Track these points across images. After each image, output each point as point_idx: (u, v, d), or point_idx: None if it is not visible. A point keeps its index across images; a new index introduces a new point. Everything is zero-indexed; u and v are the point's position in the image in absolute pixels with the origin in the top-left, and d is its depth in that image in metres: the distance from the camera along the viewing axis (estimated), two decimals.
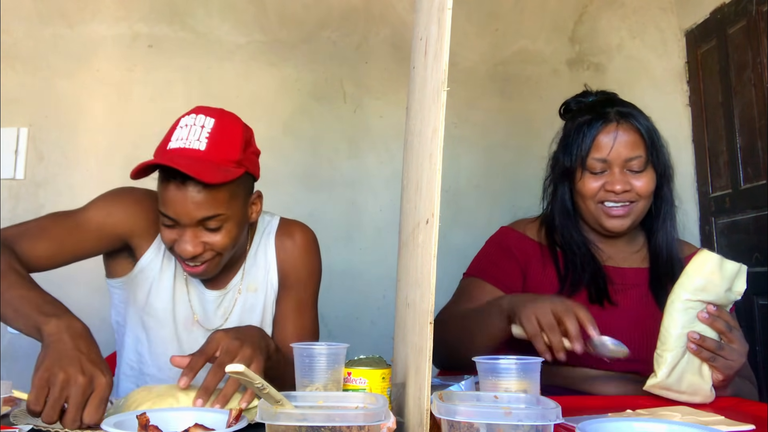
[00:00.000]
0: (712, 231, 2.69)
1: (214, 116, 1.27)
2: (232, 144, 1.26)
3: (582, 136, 1.45)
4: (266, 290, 1.47)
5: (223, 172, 1.22)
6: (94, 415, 0.94)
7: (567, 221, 1.52)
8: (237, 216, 1.29)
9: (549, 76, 2.81)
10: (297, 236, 1.49)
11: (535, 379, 0.97)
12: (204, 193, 1.21)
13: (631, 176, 1.43)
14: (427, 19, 1.00)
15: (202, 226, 1.25)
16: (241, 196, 1.30)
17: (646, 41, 2.91)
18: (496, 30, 2.87)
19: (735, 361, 1.21)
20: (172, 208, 1.24)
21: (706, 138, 2.74)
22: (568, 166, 1.47)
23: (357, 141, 2.76)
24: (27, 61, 2.63)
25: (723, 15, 2.60)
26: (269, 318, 1.48)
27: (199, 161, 1.21)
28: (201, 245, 1.27)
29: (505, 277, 1.48)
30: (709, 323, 1.19)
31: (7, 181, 2.57)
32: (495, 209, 2.64)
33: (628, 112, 1.47)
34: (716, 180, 2.69)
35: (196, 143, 1.22)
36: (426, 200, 0.86)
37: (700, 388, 1.20)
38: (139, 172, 1.23)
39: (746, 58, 2.45)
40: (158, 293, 1.43)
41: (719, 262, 1.20)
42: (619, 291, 1.46)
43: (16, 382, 1.25)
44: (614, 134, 1.43)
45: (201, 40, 2.72)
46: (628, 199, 1.43)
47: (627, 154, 1.42)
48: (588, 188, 1.45)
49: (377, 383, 1.01)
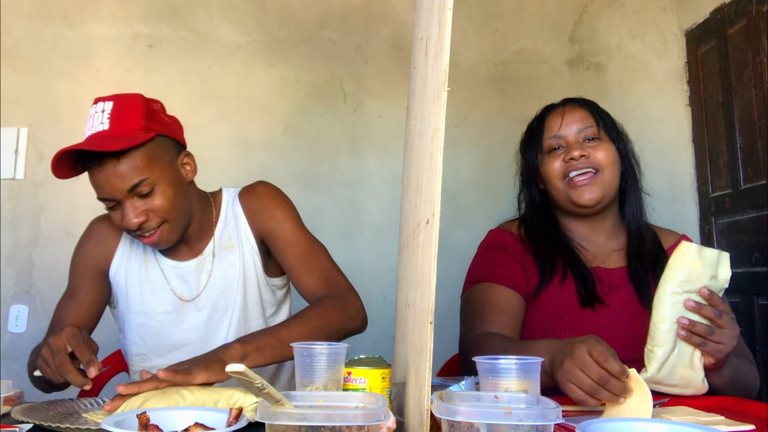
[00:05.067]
0: (712, 231, 2.69)
1: (112, 99, 1.34)
2: (133, 115, 1.33)
3: (536, 126, 1.57)
4: (241, 244, 1.51)
5: (129, 140, 1.29)
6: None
7: (536, 213, 1.58)
8: (166, 177, 1.36)
9: (549, 76, 2.81)
10: (258, 189, 1.55)
11: (536, 379, 0.97)
12: (121, 164, 1.29)
13: (589, 146, 1.49)
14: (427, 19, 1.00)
15: (136, 195, 1.33)
16: (163, 158, 1.36)
17: (646, 41, 2.91)
18: (496, 30, 2.87)
19: (726, 344, 1.21)
20: (102, 188, 1.32)
21: (706, 138, 2.74)
22: (532, 159, 1.55)
23: (357, 141, 2.76)
24: (27, 61, 2.63)
25: (723, 15, 2.60)
26: (251, 270, 1.50)
27: (104, 138, 1.30)
28: (143, 213, 1.34)
29: (511, 275, 1.48)
30: (696, 311, 1.19)
31: (7, 181, 2.57)
32: (495, 209, 2.62)
33: (574, 98, 1.59)
34: (716, 180, 2.69)
35: (100, 126, 1.31)
36: (426, 200, 0.86)
37: (691, 381, 1.21)
38: (60, 170, 1.31)
39: (746, 58, 2.45)
40: (133, 288, 1.50)
41: (698, 250, 1.21)
42: (608, 292, 1.46)
43: (16, 381, 1.25)
44: (561, 113, 1.54)
45: (201, 40, 2.72)
46: (589, 165, 1.47)
47: (577, 126, 1.51)
48: (551, 168, 1.51)
49: (377, 383, 1.01)
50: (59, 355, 1.13)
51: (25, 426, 0.99)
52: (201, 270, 1.49)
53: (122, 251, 1.52)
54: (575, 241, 1.53)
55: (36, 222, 2.58)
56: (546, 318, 1.44)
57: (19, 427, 0.98)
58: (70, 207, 2.59)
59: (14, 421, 1.03)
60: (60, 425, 0.98)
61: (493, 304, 1.45)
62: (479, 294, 1.49)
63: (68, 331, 1.16)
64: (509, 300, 1.45)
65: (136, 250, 1.52)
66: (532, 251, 1.52)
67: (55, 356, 1.13)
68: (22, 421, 1.01)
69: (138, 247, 1.52)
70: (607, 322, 1.42)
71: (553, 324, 1.43)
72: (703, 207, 2.77)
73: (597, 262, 1.51)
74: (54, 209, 2.59)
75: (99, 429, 0.93)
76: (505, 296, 1.46)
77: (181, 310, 1.48)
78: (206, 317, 1.48)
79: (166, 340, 1.48)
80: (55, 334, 1.16)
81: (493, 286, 1.48)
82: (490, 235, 1.60)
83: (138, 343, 1.50)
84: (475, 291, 1.51)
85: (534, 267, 1.49)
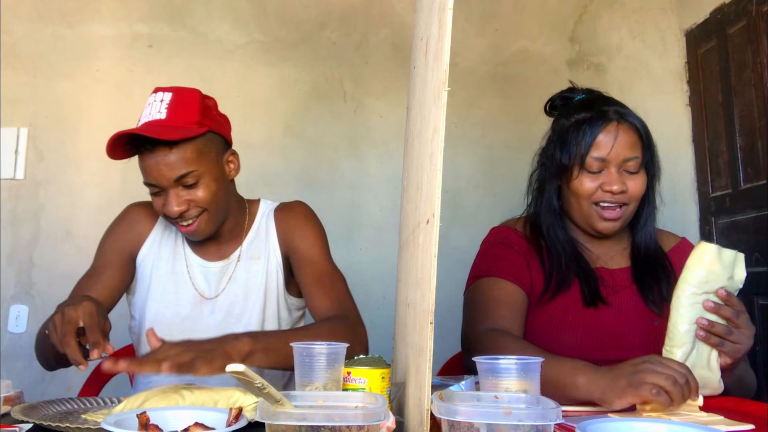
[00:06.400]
0: (712, 231, 2.69)
1: (171, 91, 1.41)
2: (190, 108, 1.39)
3: (582, 134, 1.43)
4: (268, 257, 1.54)
5: (183, 131, 1.36)
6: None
7: (554, 220, 1.51)
8: (212, 172, 1.41)
9: (549, 76, 2.81)
10: (295, 208, 1.60)
11: (536, 379, 0.97)
12: (172, 153, 1.35)
13: (627, 177, 1.43)
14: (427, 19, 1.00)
15: (181, 185, 1.38)
16: (212, 153, 1.42)
17: (646, 41, 2.91)
18: (496, 30, 2.87)
19: (743, 344, 1.22)
20: (150, 174, 1.37)
21: (706, 138, 2.74)
22: (566, 164, 1.45)
23: (357, 141, 2.76)
24: (27, 61, 2.63)
25: (723, 15, 2.60)
26: (273, 285, 1.53)
27: (160, 126, 1.36)
28: (185, 203, 1.39)
29: (516, 271, 1.47)
30: (715, 311, 1.20)
31: (7, 181, 2.57)
32: (495, 209, 2.63)
33: (625, 111, 1.46)
34: (716, 180, 2.69)
35: (157, 114, 1.38)
36: (426, 200, 0.86)
37: (709, 381, 1.21)
38: (114, 151, 1.37)
39: (746, 58, 2.45)
40: (158, 277, 1.52)
41: (717, 251, 1.21)
42: (611, 292, 1.46)
43: (16, 381, 1.25)
44: (615, 133, 1.41)
45: (201, 40, 2.72)
46: (623, 200, 1.43)
47: (625, 155, 1.41)
48: (585, 188, 1.43)
49: (377, 383, 1.01)
50: (68, 325, 1.11)
51: (24, 426, 0.99)
52: (224, 273, 1.52)
53: (153, 238, 1.54)
54: (579, 241, 1.52)
55: (36, 222, 2.58)
56: (549, 317, 1.44)
57: (18, 427, 0.98)
58: (70, 207, 2.59)
59: (14, 420, 1.03)
60: (60, 425, 0.98)
61: (498, 299, 1.44)
62: (483, 289, 1.47)
63: (86, 306, 1.14)
64: (513, 295, 1.45)
65: (167, 240, 1.55)
66: (536, 250, 1.51)
67: (64, 325, 1.12)
68: (22, 421, 1.01)
69: (169, 238, 1.55)
70: (610, 322, 1.42)
71: (556, 323, 1.43)
72: (703, 207, 2.77)
73: (600, 262, 1.51)
74: (54, 209, 2.59)
75: (99, 429, 0.93)
76: (509, 291, 1.45)
77: (198, 307, 1.50)
78: (221, 319, 1.49)
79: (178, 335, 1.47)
80: (72, 305, 1.14)
81: (498, 281, 1.46)
82: (494, 231, 1.59)
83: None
84: (479, 286, 1.49)
85: (538, 265, 1.48)
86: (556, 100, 1.58)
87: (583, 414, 1.09)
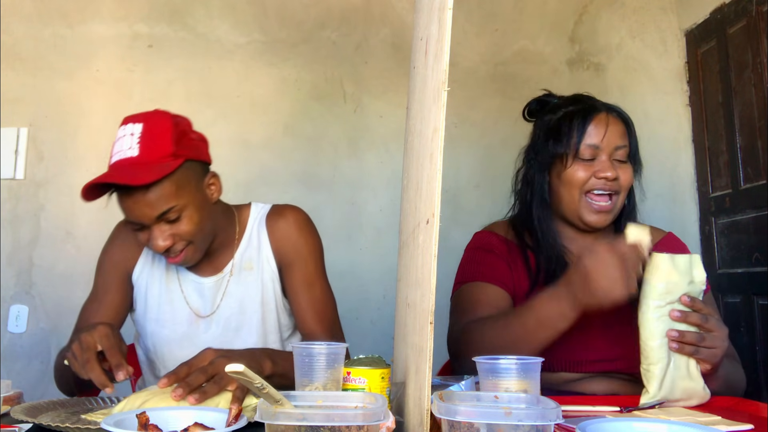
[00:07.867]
0: (712, 231, 2.69)
1: (141, 121, 1.33)
2: (163, 139, 1.32)
3: (575, 123, 1.46)
4: (262, 267, 1.50)
5: (158, 169, 1.29)
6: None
7: (545, 213, 1.52)
8: (194, 202, 1.36)
9: (549, 76, 2.81)
10: (289, 216, 1.53)
11: (536, 379, 0.97)
12: (150, 193, 1.29)
13: (617, 165, 1.45)
14: (427, 19, 1.00)
15: (164, 220, 1.33)
16: (191, 183, 1.36)
17: (646, 41, 2.91)
18: (496, 30, 2.87)
19: (718, 347, 1.19)
20: (130, 214, 1.33)
21: (706, 138, 2.74)
22: (560, 152, 1.46)
23: (357, 141, 2.76)
24: (27, 61, 2.63)
25: (723, 15, 2.60)
26: (269, 295, 1.50)
27: (133, 166, 1.29)
28: (170, 237, 1.34)
29: (499, 274, 1.48)
30: (683, 320, 1.18)
31: (7, 181, 2.57)
32: (495, 209, 2.61)
33: (611, 104, 1.51)
34: (716, 180, 2.69)
35: (129, 152, 1.31)
36: (426, 200, 0.86)
37: (693, 391, 1.19)
38: (91, 193, 1.30)
39: (746, 58, 2.45)
40: (152, 297, 1.50)
41: (670, 259, 1.19)
42: None
43: (15, 381, 1.25)
44: (606, 122, 1.45)
45: (201, 40, 2.72)
46: (615, 188, 1.44)
47: (617, 143, 1.45)
48: (578, 176, 1.45)
49: (376, 383, 1.01)
50: (88, 352, 1.12)
51: (24, 426, 0.99)
52: (218, 288, 1.50)
53: (146, 257, 1.52)
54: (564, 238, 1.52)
55: (36, 222, 2.58)
56: None
57: (18, 427, 0.98)
58: (70, 207, 2.59)
59: (14, 420, 1.03)
60: (60, 425, 0.98)
61: (482, 301, 1.45)
62: (468, 292, 1.49)
63: (101, 330, 1.15)
64: (497, 296, 1.45)
65: (159, 258, 1.51)
66: (519, 252, 1.51)
67: (84, 352, 1.12)
68: (21, 421, 1.01)
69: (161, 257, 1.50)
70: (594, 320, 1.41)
71: None
72: (703, 207, 2.77)
73: None
74: (54, 209, 2.59)
75: (99, 429, 0.93)
76: (493, 293, 1.46)
77: (194, 325, 1.48)
78: (218, 334, 1.48)
79: (177, 353, 1.46)
80: (87, 331, 1.14)
81: (482, 284, 1.48)
82: (475, 237, 1.60)
83: (150, 350, 1.51)
84: (463, 290, 1.51)
85: (521, 266, 1.49)
86: (533, 105, 1.60)
87: (583, 414, 1.09)
